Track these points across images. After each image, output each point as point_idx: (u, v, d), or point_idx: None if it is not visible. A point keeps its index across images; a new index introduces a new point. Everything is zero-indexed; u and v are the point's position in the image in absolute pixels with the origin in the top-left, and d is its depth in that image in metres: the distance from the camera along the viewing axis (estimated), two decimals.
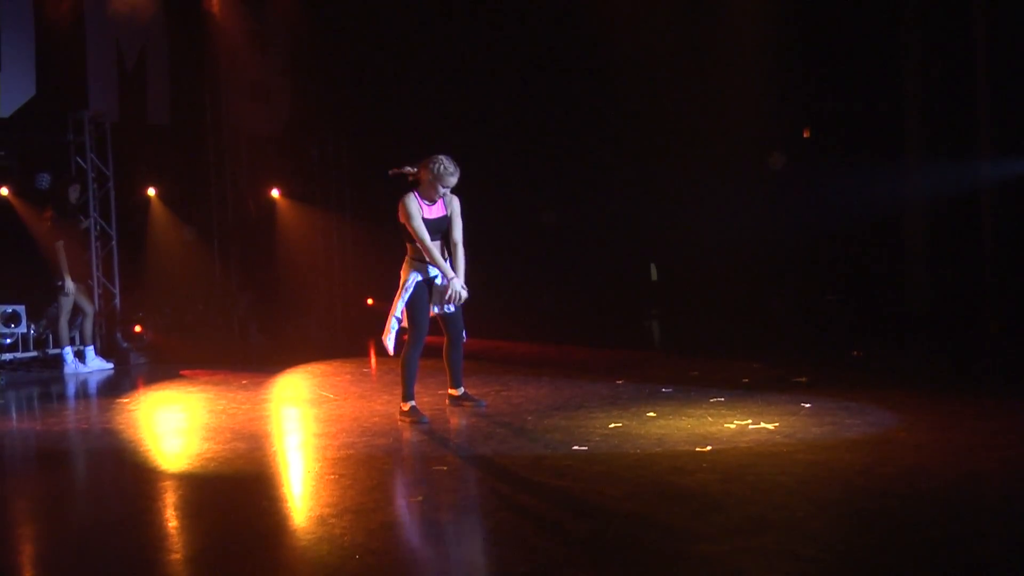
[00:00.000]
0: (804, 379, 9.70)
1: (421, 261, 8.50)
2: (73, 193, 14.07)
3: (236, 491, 6.65)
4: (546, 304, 18.21)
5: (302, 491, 6.46)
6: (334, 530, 5.44)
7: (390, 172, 8.66)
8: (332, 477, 6.65)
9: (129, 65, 16.24)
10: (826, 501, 5.52)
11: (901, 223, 14.39)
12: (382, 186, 19.46)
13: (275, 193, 18.40)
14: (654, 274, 18.72)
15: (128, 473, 7.52)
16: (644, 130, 17.05)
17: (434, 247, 8.43)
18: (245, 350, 16.01)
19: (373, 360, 14.71)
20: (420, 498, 6.17)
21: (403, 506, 5.98)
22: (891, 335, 12.99)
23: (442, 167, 8.46)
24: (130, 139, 16.14)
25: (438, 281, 8.54)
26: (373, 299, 19.20)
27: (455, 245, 8.63)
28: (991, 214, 13.18)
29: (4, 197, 14.26)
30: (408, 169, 8.61)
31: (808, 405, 8.33)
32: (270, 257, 18.55)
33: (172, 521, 6.07)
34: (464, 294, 8.48)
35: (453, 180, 8.51)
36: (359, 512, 5.73)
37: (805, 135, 16.45)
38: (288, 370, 12.91)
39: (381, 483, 6.43)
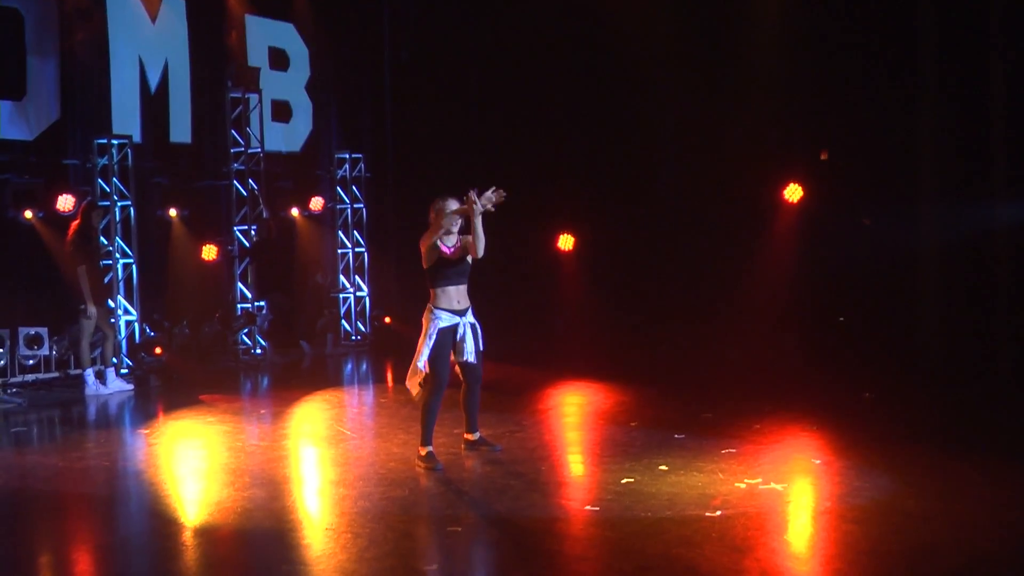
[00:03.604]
0: (814, 427, 9.84)
1: (442, 309, 8.65)
2: (96, 217, 14.27)
3: (256, 550, 6.81)
4: (560, 326, 18.30)
5: (320, 554, 6.58)
6: None
7: None
8: (348, 536, 6.79)
9: (152, 86, 16.41)
10: None
11: (914, 263, 14.42)
12: (400, 205, 19.69)
13: (295, 212, 18.55)
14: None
15: (150, 525, 7.68)
16: (660, 155, 17.15)
17: (454, 288, 8.66)
18: (263, 372, 16.18)
19: (390, 385, 14.86)
20: (434, 566, 6.31)
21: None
22: (902, 377, 12.99)
23: (440, 200, 8.73)
24: (153, 159, 16.37)
25: (460, 331, 8.69)
26: (390, 318, 19.35)
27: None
28: (1006, 256, 13.22)
29: (28, 220, 14.43)
30: None
31: (818, 462, 8.45)
32: (289, 276, 18.71)
33: None
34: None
35: (456, 204, 8.67)
36: None
37: (823, 157, 16.48)
38: (305, 398, 13.04)
39: (396, 547, 6.54)
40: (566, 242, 17.97)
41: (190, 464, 9.73)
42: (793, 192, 15.58)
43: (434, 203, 8.76)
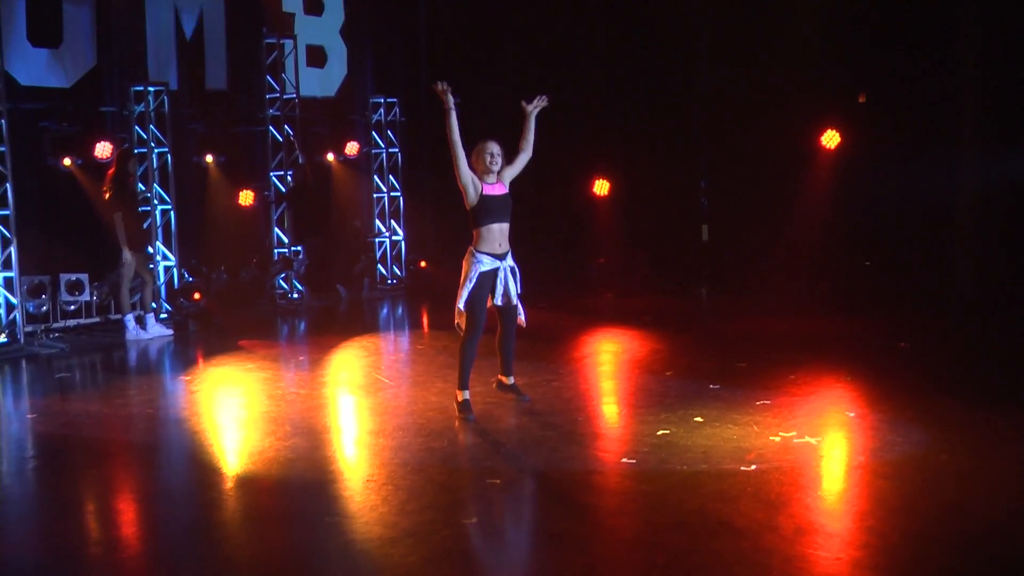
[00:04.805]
0: (848, 377, 9.92)
1: (483, 253, 8.70)
2: (132, 164, 14.43)
3: (299, 501, 6.94)
4: (594, 273, 18.30)
5: (362, 506, 6.70)
6: (394, 557, 5.73)
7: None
8: (389, 488, 6.93)
9: (187, 33, 16.46)
10: (862, 544, 5.69)
11: (952, 209, 14.34)
12: (435, 149, 19.69)
13: (330, 157, 18.63)
14: (705, 234, 18.80)
15: (194, 474, 7.84)
16: (697, 101, 17.08)
17: (498, 227, 8.73)
18: (300, 316, 16.37)
19: (426, 331, 15.00)
20: (474, 519, 6.44)
21: (459, 530, 6.23)
22: (938, 326, 12.99)
23: (481, 142, 8.82)
24: (189, 106, 16.46)
25: (500, 275, 8.75)
26: (426, 262, 19.49)
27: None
28: None
29: (67, 167, 14.58)
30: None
31: (852, 415, 8.52)
32: (325, 221, 18.83)
33: (239, 536, 6.42)
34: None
35: (494, 146, 8.79)
36: (416, 536, 6.00)
37: (861, 100, 16.36)
38: (342, 344, 13.20)
39: (436, 500, 6.67)
40: (601, 188, 17.94)
41: (231, 412, 9.90)
42: (831, 138, 15.48)
43: (474, 145, 8.81)
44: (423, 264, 19.59)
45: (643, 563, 5.53)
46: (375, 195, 19.36)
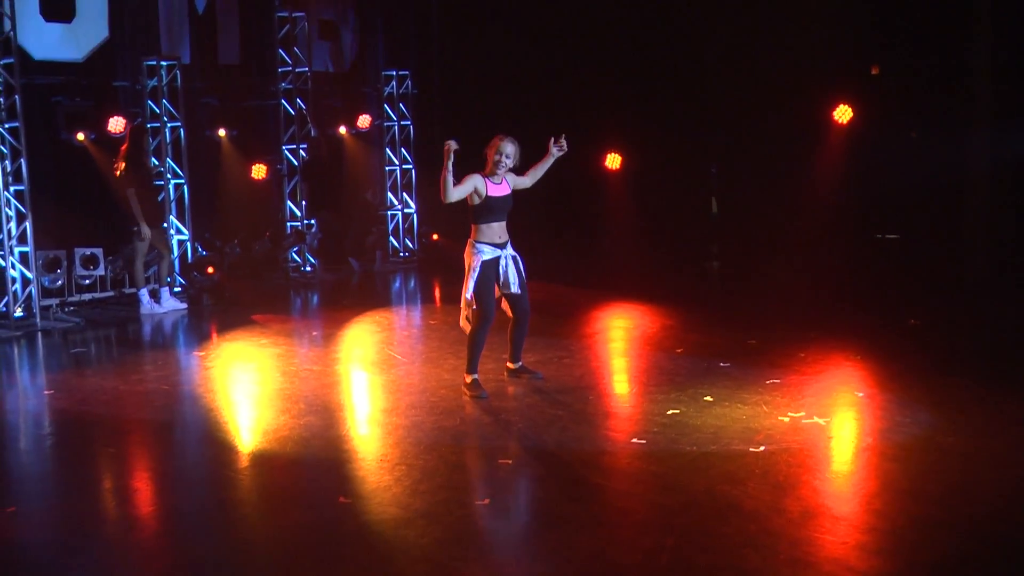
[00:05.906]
0: (858, 356, 9.98)
1: (483, 243, 8.78)
2: (145, 140, 14.50)
3: (313, 481, 7.03)
4: (606, 246, 18.34)
5: (376, 486, 6.79)
6: (408, 538, 5.83)
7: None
8: (403, 468, 7.02)
9: (200, 7, 16.47)
10: (868, 528, 5.76)
11: (963, 185, 14.33)
12: (448, 121, 19.71)
13: (342, 130, 18.66)
14: (715, 207, 18.84)
15: (209, 452, 7.93)
16: (709, 75, 17.04)
17: (498, 224, 8.82)
18: (313, 289, 16.45)
19: (438, 305, 15.07)
20: (487, 501, 6.52)
21: (471, 511, 6.33)
22: (949, 303, 12.97)
23: (499, 139, 8.81)
24: (201, 80, 16.49)
25: (502, 263, 8.83)
26: (438, 234, 19.56)
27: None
28: None
29: (81, 142, 14.63)
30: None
31: (861, 395, 8.58)
32: (337, 194, 18.88)
33: (253, 515, 6.53)
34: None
35: (510, 147, 8.78)
36: (430, 516, 6.10)
37: (874, 72, 16.33)
38: (355, 319, 13.28)
39: (449, 480, 6.77)
40: (613, 161, 17.94)
41: (245, 389, 10.01)
42: (843, 113, 15.45)
43: (492, 141, 8.82)
44: (435, 237, 19.67)
45: (652, 545, 5.61)
46: (387, 168, 19.40)
